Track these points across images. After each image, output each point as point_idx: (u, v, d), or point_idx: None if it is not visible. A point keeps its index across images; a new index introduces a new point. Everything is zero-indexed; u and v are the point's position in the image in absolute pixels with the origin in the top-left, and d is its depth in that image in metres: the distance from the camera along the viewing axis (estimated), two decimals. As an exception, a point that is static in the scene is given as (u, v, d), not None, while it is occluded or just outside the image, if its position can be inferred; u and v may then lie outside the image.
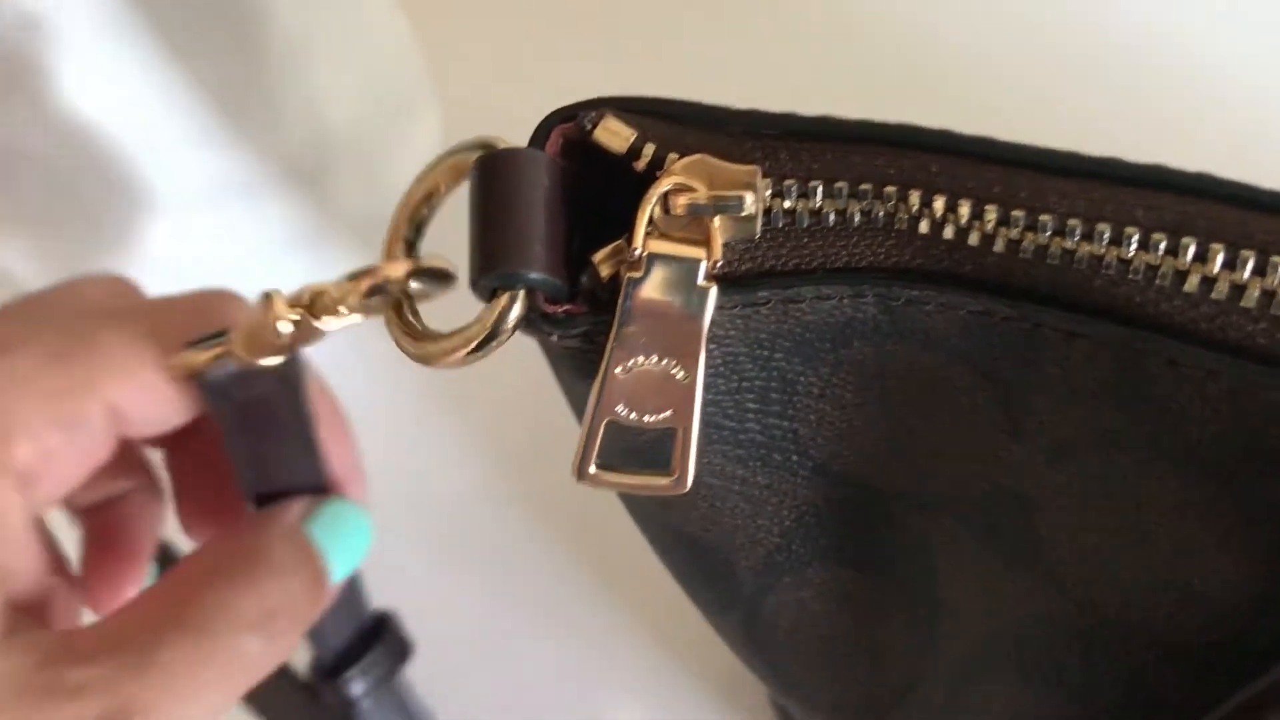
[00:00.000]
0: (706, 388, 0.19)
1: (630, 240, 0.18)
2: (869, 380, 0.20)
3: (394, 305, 0.19)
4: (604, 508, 0.43)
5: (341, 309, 0.20)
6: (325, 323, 0.20)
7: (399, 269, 0.19)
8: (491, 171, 0.18)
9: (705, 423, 0.20)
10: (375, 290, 0.19)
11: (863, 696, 0.25)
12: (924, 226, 0.18)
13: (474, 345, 0.18)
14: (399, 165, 0.40)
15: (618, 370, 0.18)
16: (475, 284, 0.18)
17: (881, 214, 0.18)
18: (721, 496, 0.22)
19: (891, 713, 0.24)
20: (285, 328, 0.20)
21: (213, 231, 0.38)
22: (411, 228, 0.20)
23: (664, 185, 0.18)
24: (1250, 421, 0.17)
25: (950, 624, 0.23)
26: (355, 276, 0.19)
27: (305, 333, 0.20)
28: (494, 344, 0.18)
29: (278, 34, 0.33)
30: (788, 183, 0.18)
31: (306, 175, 0.37)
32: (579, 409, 0.21)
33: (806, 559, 0.23)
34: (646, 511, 0.23)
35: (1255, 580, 0.18)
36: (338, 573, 0.24)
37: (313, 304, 0.20)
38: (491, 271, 0.18)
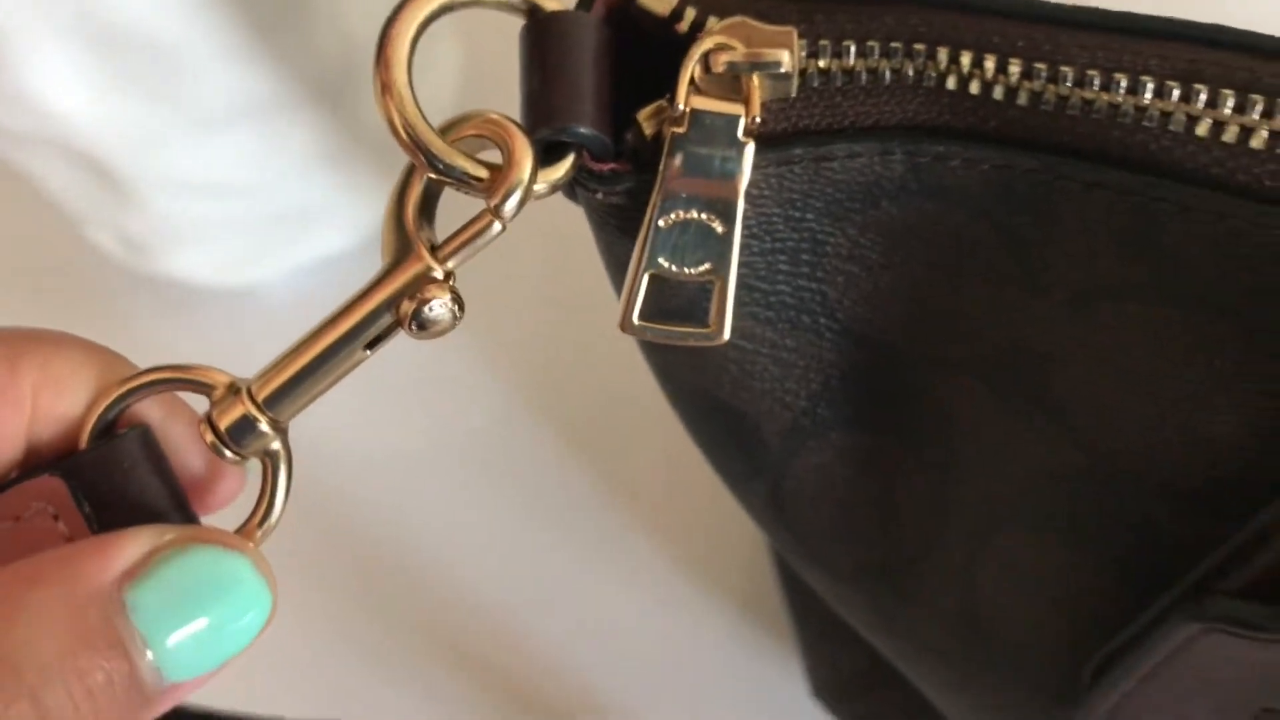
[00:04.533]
0: (741, 249, 0.20)
1: (674, 98, 0.19)
2: (895, 241, 0.21)
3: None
4: (622, 427, 0.44)
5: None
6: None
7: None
8: (542, 33, 0.19)
9: (739, 285, 0.21)
10: None
11: (883, 559, 0.26)
12: (951, 83, 0.19)
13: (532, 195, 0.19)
14: (423, 82, 0.40)
15: (661, 222, 0.20)
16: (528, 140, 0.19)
17: (911, 71, 0.19)
18: (751, 359, 0.23)
19: (911, 574, 0.26)
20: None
21: (236, 150, 0.39)
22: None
23: (706, 45, 0.19)
24: (1256, 261, 0.18)
25: (966, 484, 0.24)
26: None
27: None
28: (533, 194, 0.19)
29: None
30: (822, 43, 0.19)
31: (331, 93, 0.38)
32: (617, 271, 0.22)
33: (831, 423, 0.24)
34: (679, 378, 0.24)
35: (1263, 415, 0.20)
36: (177, 670, 0.16)
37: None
38: (544, 126, 0.19)
